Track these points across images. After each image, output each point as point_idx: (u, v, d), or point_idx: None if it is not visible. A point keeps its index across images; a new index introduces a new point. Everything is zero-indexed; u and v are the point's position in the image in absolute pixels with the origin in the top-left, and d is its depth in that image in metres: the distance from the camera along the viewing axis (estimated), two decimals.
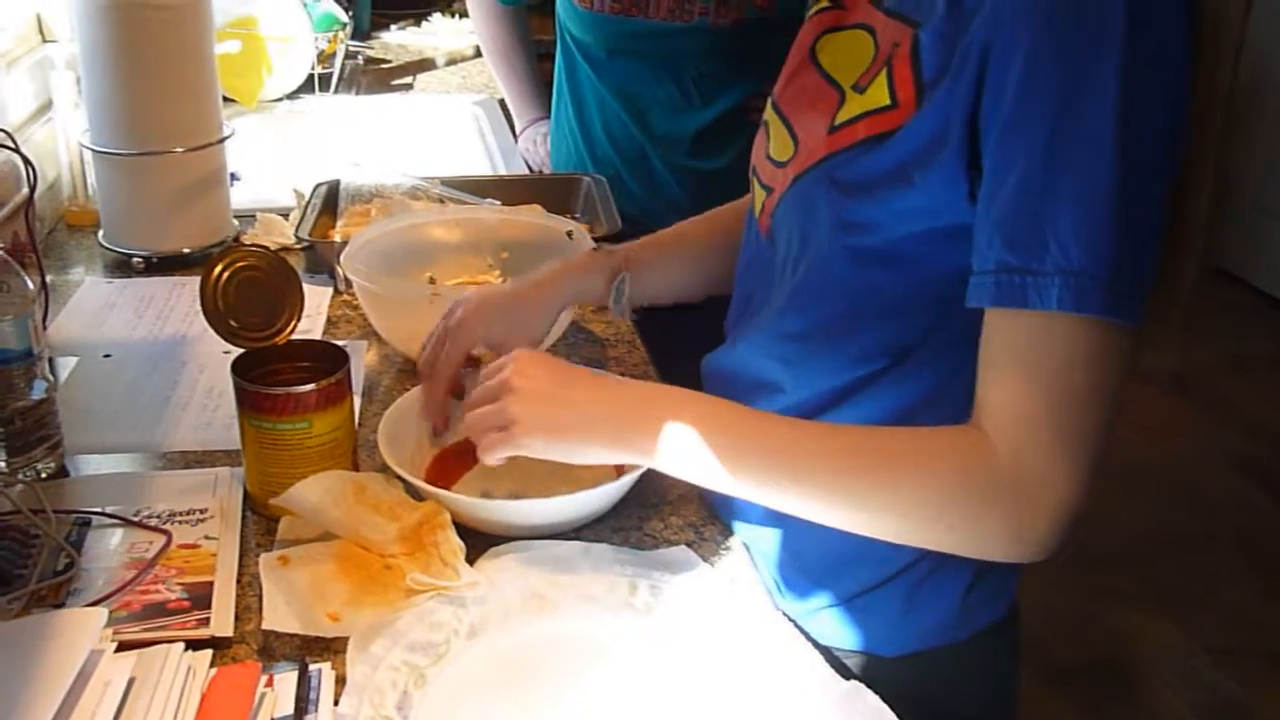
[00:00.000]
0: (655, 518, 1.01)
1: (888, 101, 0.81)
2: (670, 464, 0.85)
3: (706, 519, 1.01)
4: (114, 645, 0.75)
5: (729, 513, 1.00)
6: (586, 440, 0.86)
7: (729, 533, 1.00)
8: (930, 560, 0.89)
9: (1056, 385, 0.74)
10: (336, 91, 2.39)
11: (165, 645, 0.77)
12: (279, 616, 0.85)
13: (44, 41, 1.78)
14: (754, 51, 1.61)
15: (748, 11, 1.59)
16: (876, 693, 0.79)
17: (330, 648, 0.84)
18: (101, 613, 0.76)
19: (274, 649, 0.84)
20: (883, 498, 0.79)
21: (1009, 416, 0.75)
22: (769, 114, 0.96)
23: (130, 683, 0.73)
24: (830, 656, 0.90)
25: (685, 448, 0.83)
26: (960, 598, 0.93)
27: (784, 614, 0.90)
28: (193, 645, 0.80)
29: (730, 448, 0.82)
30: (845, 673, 0.87)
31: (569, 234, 1.33)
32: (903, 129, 0.79)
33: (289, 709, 0.76)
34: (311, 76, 2.31)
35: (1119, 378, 0.74)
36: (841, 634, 0.95)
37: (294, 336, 1.01)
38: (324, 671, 0.80)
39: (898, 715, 0.80)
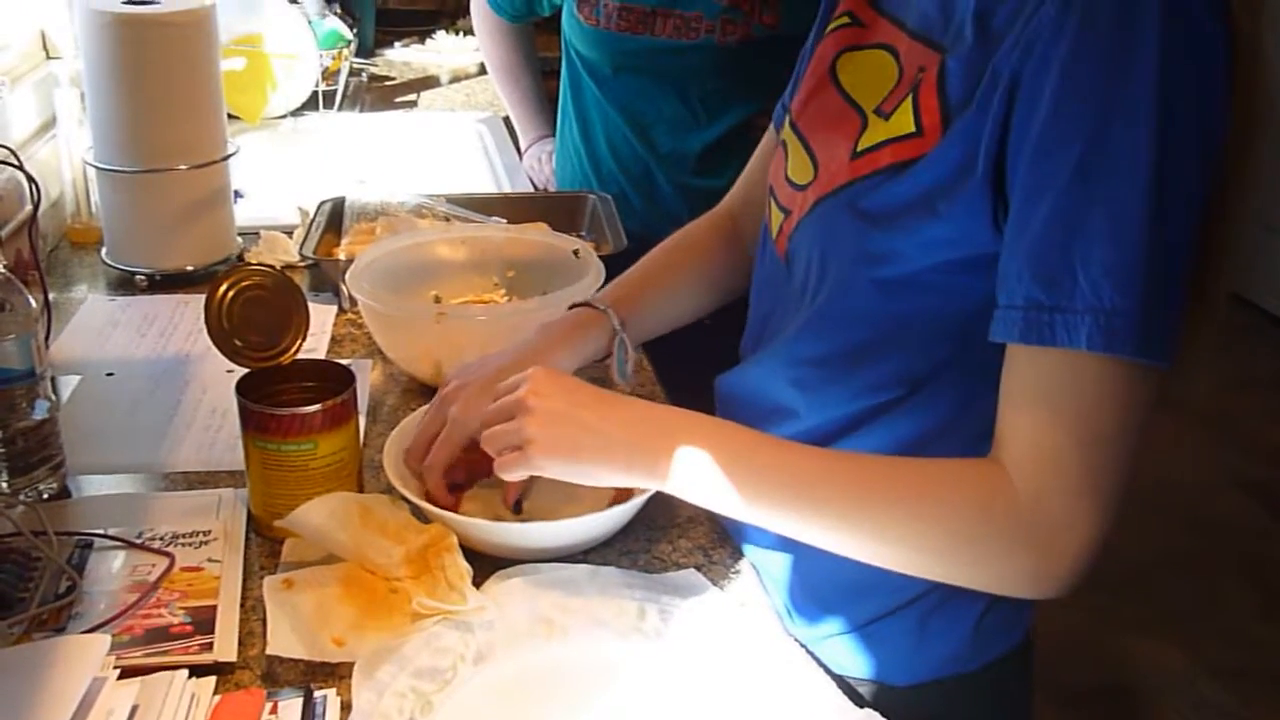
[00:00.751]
0: (664, 540, 1.00)
1: (912, 129, 0.79)
2: (684, 488, 0.84)
3: (715, 542, 1.00)
4: (117, 673, 0.74)
5: (739, 536, 0.99)
6: (602, 462, 0.85)
7: (738, 556, 0.99)
8: (943, 589, 0.88)
9: (1081, 424, 0.72)
10: (341, 108, 2.39)
11: (169, 673, 0.76)
12: (283, 641, 0.83)
13: (48, 58, 1.77)
14: (760, 69, 1.61)
15: (754, 29, 1.58)
16: None
17: (335, 673, 0.83)
18: (104, 639, 0.75)
19: (278, 674, 0.83)
20: (900, 529, 0.78)
21: (1031, 454, 0.74)
22: (787, 133, 0.95)
23: (133, 711, 0.72)
24: (841, 684, 0.89)
25: (700, 473, 0.82)
26: (973, 627, 0.92)
27: (795, 640, 0.89)
28: (196, 670, 0.79)
29: (745, 473, 0.81)
30: (858, 701, 0.86)
31: (575, 253, 1.32)
32: (927, 156, 0.78)
33: None
34: (316, 93, 2.31)
35: (1145, 415, 0.73)
36: (852, 661, 0.93)
37: (299, 356, 1.00)
38: (329, 698, 0.79)
39: None
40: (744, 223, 1.13)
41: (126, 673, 0.76)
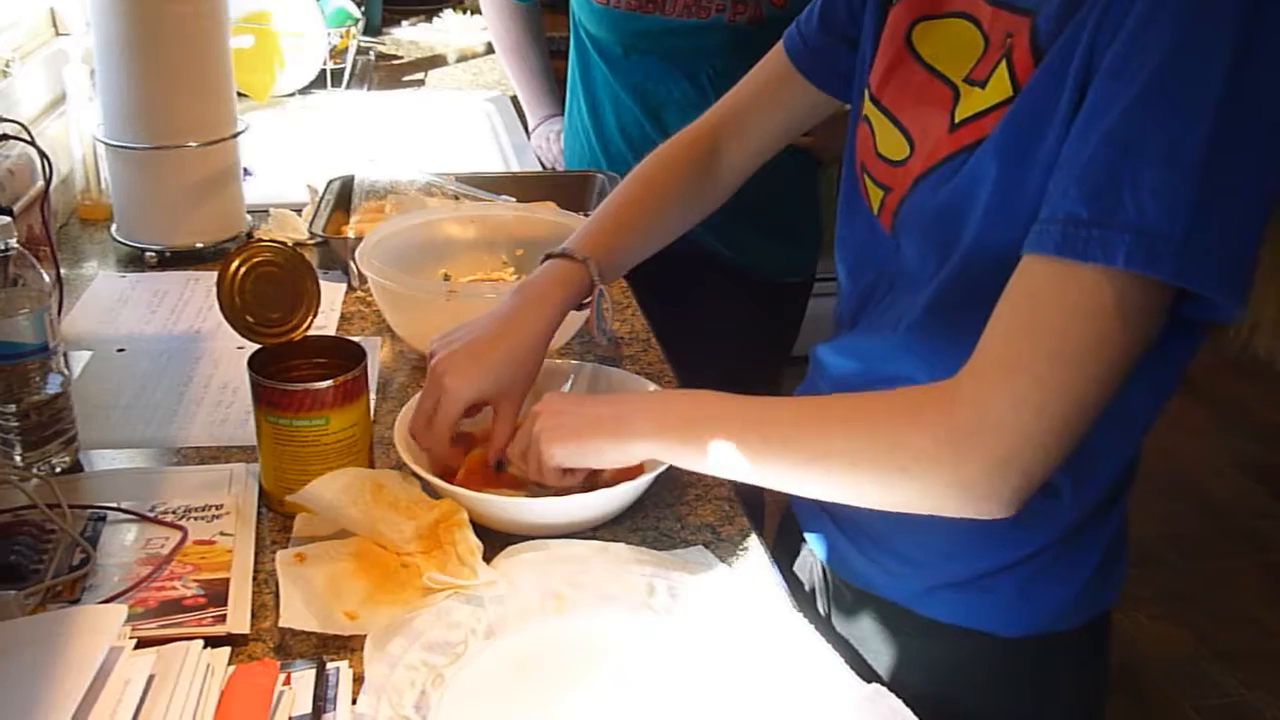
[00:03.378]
0: (672, 517, 1.01)
1: (1010, 93, 0.79)
2: (663, 450, 0.89)
3: (724, 519, 1.01)
4: (133, 642, 0.75)
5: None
6: (594, 435, 0.91)
7: (746, 533, 0.99)
8: (1054, 549, 0.89)
9: (1055, 337, 0.71)
10: (348, 87, 2.39)
11: (185, 643, 0.77)
12: (296, 614, 0.84)
13: (57, 35, 1.78)
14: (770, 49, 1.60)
15: (765, 9, 1.58)
16: (986, 672, 0.78)
17: (347, 646, 0.84)
18: (121, 609, 0.76)
19: (290, 647, 0.84)
20: (837, 451, 0.79)
21: (992, 355, 0.73)
22: (869, 109, 0.94)
23: (150, 680, 0.72)
24: (945, 630, 0.92)
25: (673, 426, 0.88)
26: (1082, 584, 0.92)
27: (805, 616, 0.89)
28: (209, 642, 0.80)
29: (711, 421, 0.85)
30: (956, 649, 0.90)
31: None
32: (1016, 98, 0.77)
33: (307, 707, 0.75)
34: (323, 72, 2.31)
35: (1130, 351, 0.71)
36: (959, 611, 0.94)
37: (310, 332, 1.01)
38: (341, 670, 0.80)
39: (1007, 695, 0.81)
40: (726, 141, 1.12)
41: (142, 643, 0.77)
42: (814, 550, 1.03)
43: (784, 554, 1.11)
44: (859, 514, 0.95)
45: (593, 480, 0.97)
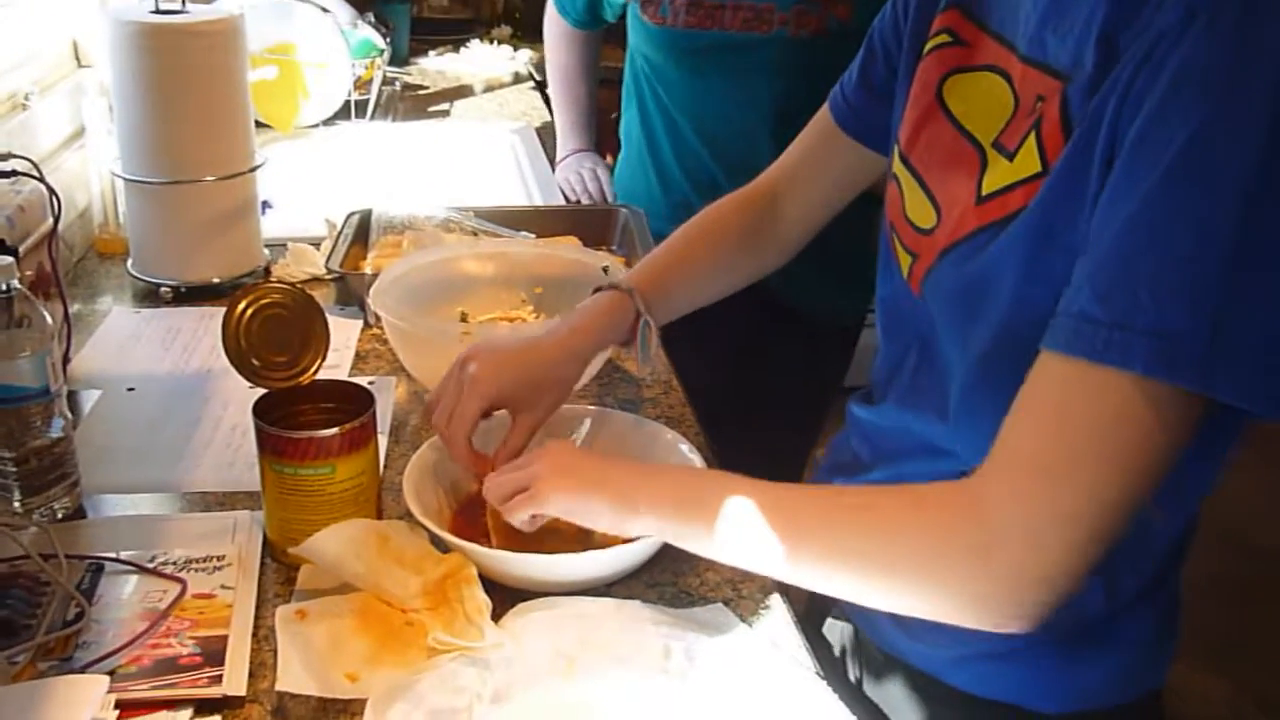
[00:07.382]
0: (691, 573, 0.96)
1: (1039, 168, 0.74)
2: (669, 533, 0.84)
3: (744, 575, 0.96)
4: (116, 714, 0.71)
5: None
6: (604, 501, 0.85)
7: (768, 590, 0.95)
8: (1098, 626, 0.85)
9: (1089, 445, 0.66)
10: (373, 118, 2.37)
11: (171, 714, 0.73)
12: (294, 677, 0.81)
13: (79, 66, 1.76)
14: (832, 69, 1.56)
15: (830, 23, 1.52)
16: None
17: (347, 710, 0.80)
18: (103, 680, 0.72)
19: (288, 710, 0.80)
20: (871, 554, 0.74)
21: (1023, 465, 0.68)
22: (898, 168, 0.91)
23: None
24: (979, 705, 0.87)
25: (675, 518, 0.83)
26: (1126, 658, 0.87)
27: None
28: (201, 707, 0.76)
29: (720, 516, 0.79)
30: None
31: (604, 269, 1.29)
32: (1046, 179, 0.73)
33: None
34: (348, 102, 2.29)
35: (1167, 457, 0.66)
36: (993, 684, 0.89)
37: (320, 374, 0.98)
38: None
39: None
40: (783, 198, 1.12)
41: (129, 710, 0.73)
42: (844, 611, 0.99)
43: (815, 613, 1.06)
44: None
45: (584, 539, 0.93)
